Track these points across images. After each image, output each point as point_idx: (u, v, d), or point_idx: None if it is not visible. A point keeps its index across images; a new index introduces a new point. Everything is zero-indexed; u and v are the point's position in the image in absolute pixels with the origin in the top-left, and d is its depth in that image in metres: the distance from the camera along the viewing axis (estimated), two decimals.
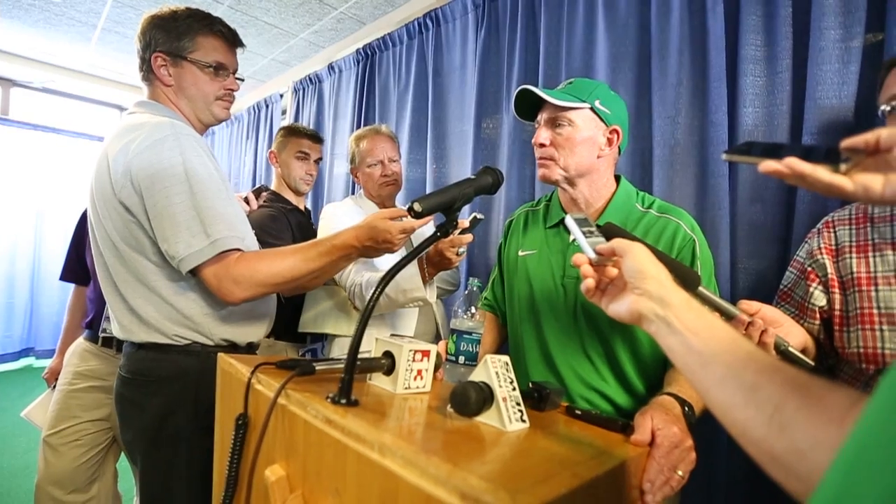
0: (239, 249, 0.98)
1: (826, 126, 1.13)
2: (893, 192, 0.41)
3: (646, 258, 0.55)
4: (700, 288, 0.70)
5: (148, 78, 1.10)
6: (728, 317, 0.72)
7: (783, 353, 0.72)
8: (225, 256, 0.95)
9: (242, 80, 1.19)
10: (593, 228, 0.65)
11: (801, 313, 0.96)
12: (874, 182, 0.42)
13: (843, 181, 0.44)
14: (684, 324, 0.48)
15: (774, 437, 0.36)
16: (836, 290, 0.91)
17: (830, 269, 0.93)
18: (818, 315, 0.94)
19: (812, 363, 0.74)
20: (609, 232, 0.73)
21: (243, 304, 1.04)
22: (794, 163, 0.45)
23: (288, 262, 0.98)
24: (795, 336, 0.81)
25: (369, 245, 0.98)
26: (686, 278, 0.68)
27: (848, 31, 1.12)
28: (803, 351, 0.79)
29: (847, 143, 0.43)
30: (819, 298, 0.94)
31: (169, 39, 1.06)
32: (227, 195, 1.03)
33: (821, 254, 0.94)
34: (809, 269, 0.96)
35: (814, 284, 0.94)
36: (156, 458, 1.03)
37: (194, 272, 0.96)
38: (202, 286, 1.01)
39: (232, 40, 1.14)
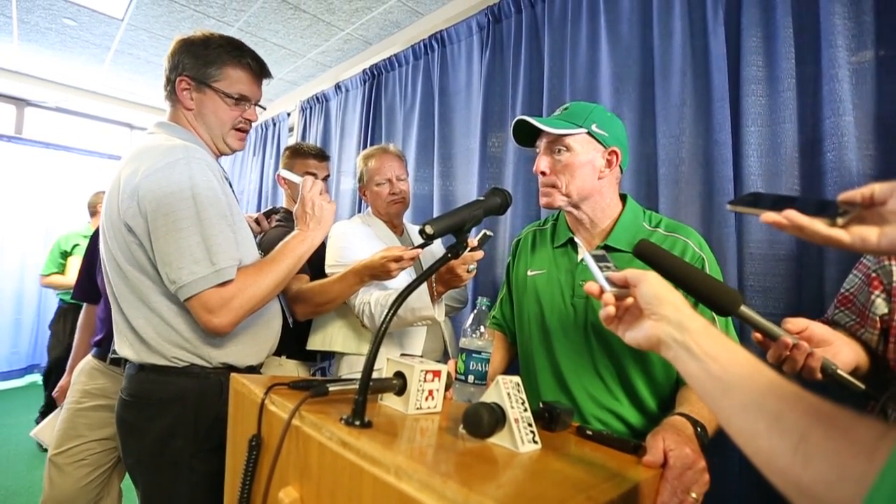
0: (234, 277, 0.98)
1: (849, 141, 1.12)
2: (889, 243, 0.43)
3: (661, 284, 0.55)
4: (742, 307, 0.66)
5: (171, 98, 1.11)
6: (772, 338, 0.69)
7: (831, 375, 0.68)
8: (224, 284, 0.95)
9: (264, 108, 1.21)
10: (611, 264, 0.65)
11: (862, 321, 0.89)
12: (870, 234, 0.44)
13: (840, 234, 0.46)
14: (703, 349, 0.48)
15: (800, 468, 0.36)
16: None
17: None
18: (879, 324, 0.87)
19: (863, 387, 0.69)
20: (647, 251, 0.71)
21: (244, 328, 1.05)
22: (792, 215, 0.47)
23: (266, 281, 1.02)
24: (845, 356, 0.75)
25: (321, 228, 1.12)
26: (727, 298, 0.65)
27: (855, 51, 1.14)
28: (854, 371, 0.75)
29: (844, 196, 0.45)
30: (880, 307, 0.87)
31: (196, 65, 1.08)
32: (234, 221, 1.03)
33: (889, 260, 0.87)
34: (874, 274, 0.88)
35: (876, 292, 0.87)
36: (158, 482, 1.02)
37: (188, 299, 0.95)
38: None
39: (259, 73, 1.15)
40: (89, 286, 1.78)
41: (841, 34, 1.15)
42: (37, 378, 4.30)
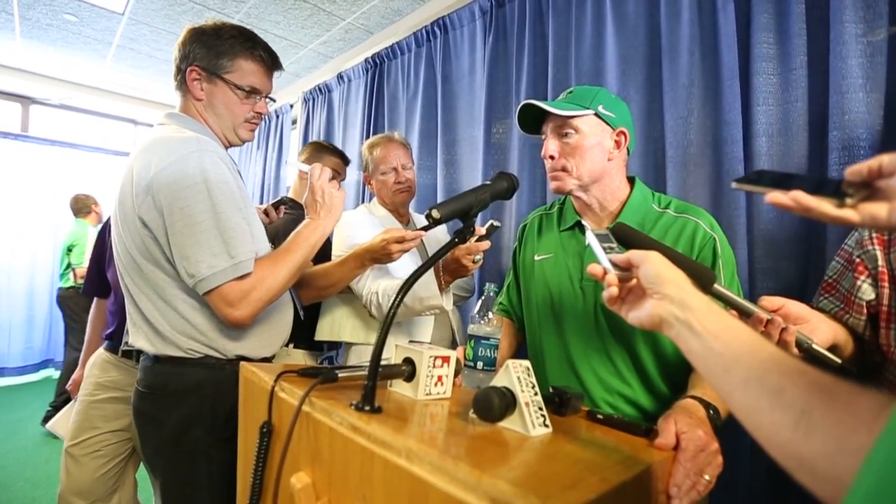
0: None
1: (853, 119, 1.10)
2: None
3: (662, 264, 0.55)
4: (715, 286, 0.69)
5: (181, 88, 1.10)
6: (745, 314, 0.70)
7: (806, 350, 0.69)
8: (245, 277, 0.96)
9: (274, 101, 1.20)
10: (614, 245, 0.65)
11: (847, 307, 0.88)
12: (879, 210, 0.43)
13: (849, 213, 0.44)
14: (705, 327, 0.48)
15: (801, 441, 0.36)
16: (886, 284, 0.83)
17: (881, 260, 0.83)
18: (865, 310, 0.85)
19: (839, 361, 0.70)
20: (621, 232, 0.73)
21: (258, 320, 1.05)
22: (799, 196, 0.46)
23: (283, 271, 1.01)
24: (822, 332, 0.75)
25: (327, 220, 1.10)
26: (700, 277, 0.67)
27: (869, 25, 1.11)
28: (833, 348, 0.75)
29: (851, 170, 0.44)
30: (867, 292, 0.85)
31: (208, 56, 1.06)
32: (247, 213, 1.03)
33: (871, 244, 0.85)
34: (858, 259, 0.87)
35: (862, 277, 0.85)
36: (176, 472, 1.03)
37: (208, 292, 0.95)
38: None
39: (271, 65, 1.14)
40: (99, 281, 1.79)
41: (862, 7, 1.11)
42: (51, 373, 4.37)
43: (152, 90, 4.26)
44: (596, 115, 0.98)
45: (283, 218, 1.66)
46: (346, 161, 1.81)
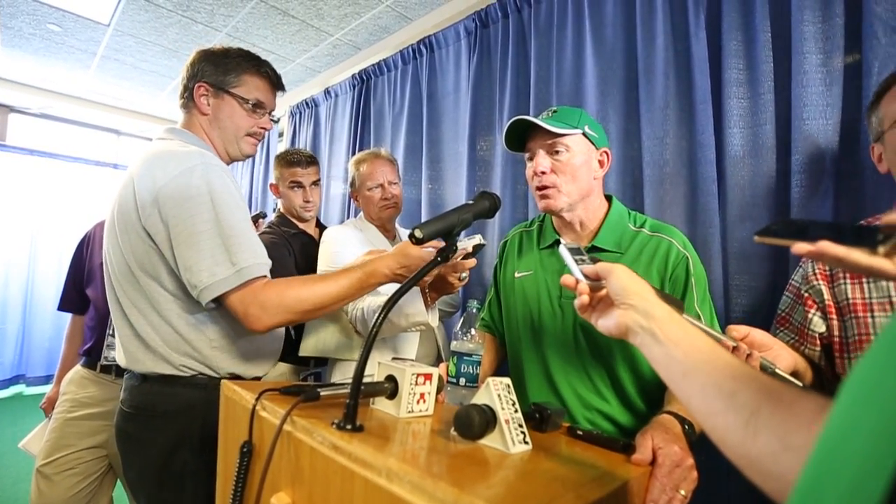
0: (265, 276, 0.98)
1: (813, 146, 1.16)
2: None
3: (628, 276, 0.59)
4: (682, 315, 0.71)
5: (187, 105, 1.12)
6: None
7: (770, 375, 0.69)
8: (251, 283, 0.95)
9: (276, 120, 1.22)
10: (585, 257, 0.68)
11: (801, 339, 0.94)
12: None
13: (883, 263, 0.44)
14: (667, 335, 0.51)
15: (750, 441, 0.39)
16: (834, 316, 0.90)
17: (827, 294, 0.91)
18: (818, 341, 0.92)
19: (800, 384, 0.72)
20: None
21: (253, 340, 1.05)
22: (827, 247, 0.45)
23: (317, 289, 0.98)
24: (784, 359, 0.80)
25: (401, 273, 1.00)
26: (670, 306, 0.69)
27: (828, 56, 1.17)
28: (794, 374, 0.78)
29: (886, 220, 0.43)
30: (818, 325, 0.92)
31: (216, 72, 1.10)
32: (251, 225, 1.04)
33: (816, 279, 0.92)
34: (806, 294, 0.94)
35: (812, 310, 0.92)
36: (162, 496, 1.01)
37: (219, 301, 0.95)
38: (215, 320, 1.01)
39: (275, 83, 1.18)
40: (76, 297, 1.75)
41: (822, 39, 1.18)
42: (22, 389, 4.22)
43: (137, 101, 4.22)
44: (583, 134, 1.01)
45: (262, 238, 1.65)
46: (310, 164, 1.75)
